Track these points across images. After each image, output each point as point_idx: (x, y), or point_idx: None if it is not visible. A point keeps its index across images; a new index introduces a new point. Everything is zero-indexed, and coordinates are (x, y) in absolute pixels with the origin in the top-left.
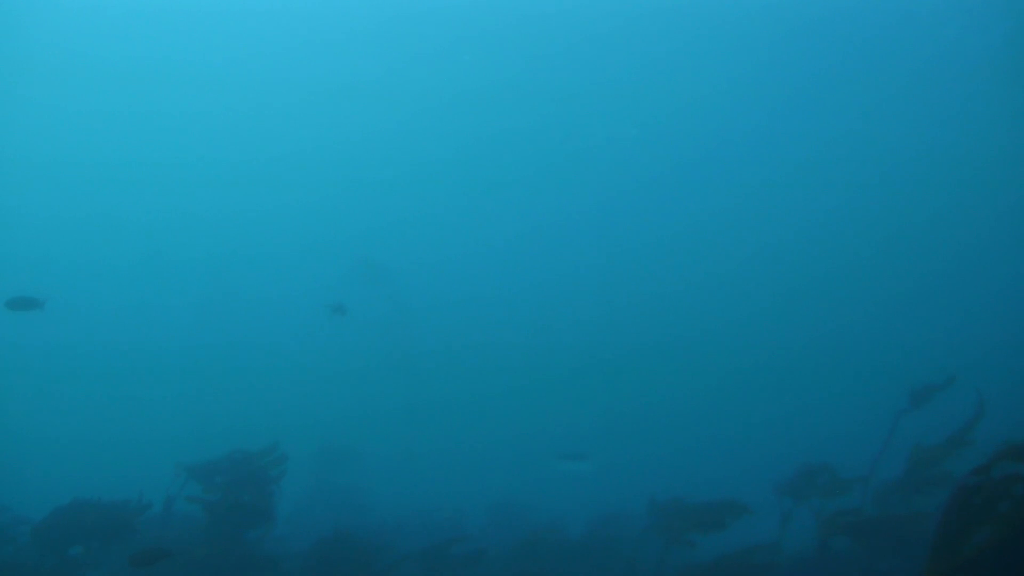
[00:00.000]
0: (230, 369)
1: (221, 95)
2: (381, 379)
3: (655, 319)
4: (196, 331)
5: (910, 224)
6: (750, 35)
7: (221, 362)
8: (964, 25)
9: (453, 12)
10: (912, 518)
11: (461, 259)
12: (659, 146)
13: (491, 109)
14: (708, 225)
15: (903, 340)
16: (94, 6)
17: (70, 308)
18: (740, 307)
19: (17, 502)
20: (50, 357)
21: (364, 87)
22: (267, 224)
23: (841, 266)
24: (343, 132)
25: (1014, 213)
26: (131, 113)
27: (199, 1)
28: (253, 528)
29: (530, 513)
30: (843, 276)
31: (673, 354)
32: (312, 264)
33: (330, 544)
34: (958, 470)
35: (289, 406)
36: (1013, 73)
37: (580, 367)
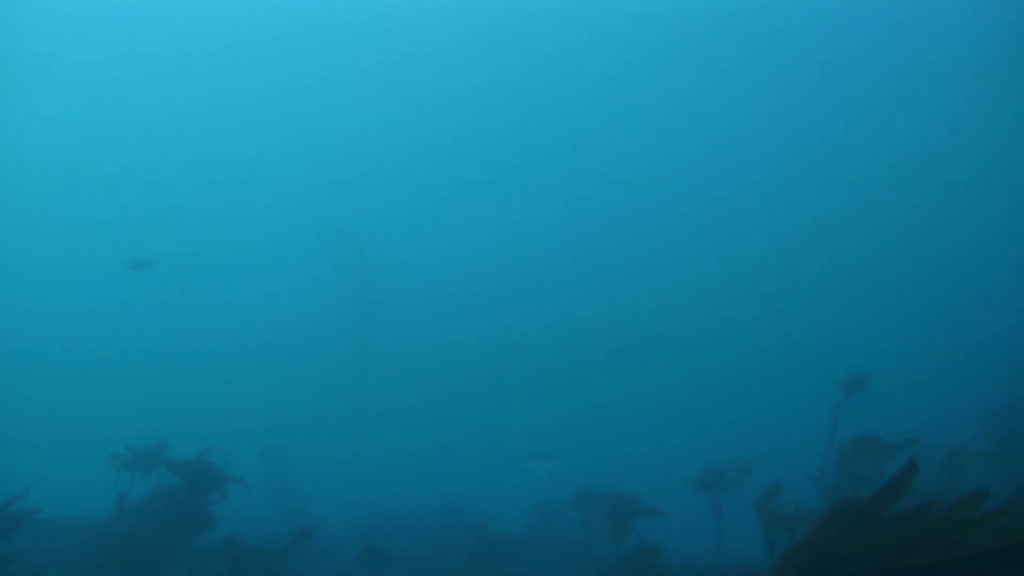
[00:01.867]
0: (191, 369)
1: (201, 94)
2: (336, 378)
3: (613, 320)
4: (156, 331)
5: (868, 227)
6: (746, 35)
7: (181, 362)
8: (959, 25)
9: (444, 11)
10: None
11: (434, 257)
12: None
13: (479, 108)
14: (667, 227)
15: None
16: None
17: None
18: (703, 307)
19: None
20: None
21: (356, 85)
22: (234, 224)
23: (804, 268)
24: (333, 130)
25: (977, 217)
26: (108, 113)
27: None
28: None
29: (468, 512)
30: (808, 278)
31: (634, 354)
32: (279, 264)
33: (231, 544)
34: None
35: (243, 405)
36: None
37: (541, 367)
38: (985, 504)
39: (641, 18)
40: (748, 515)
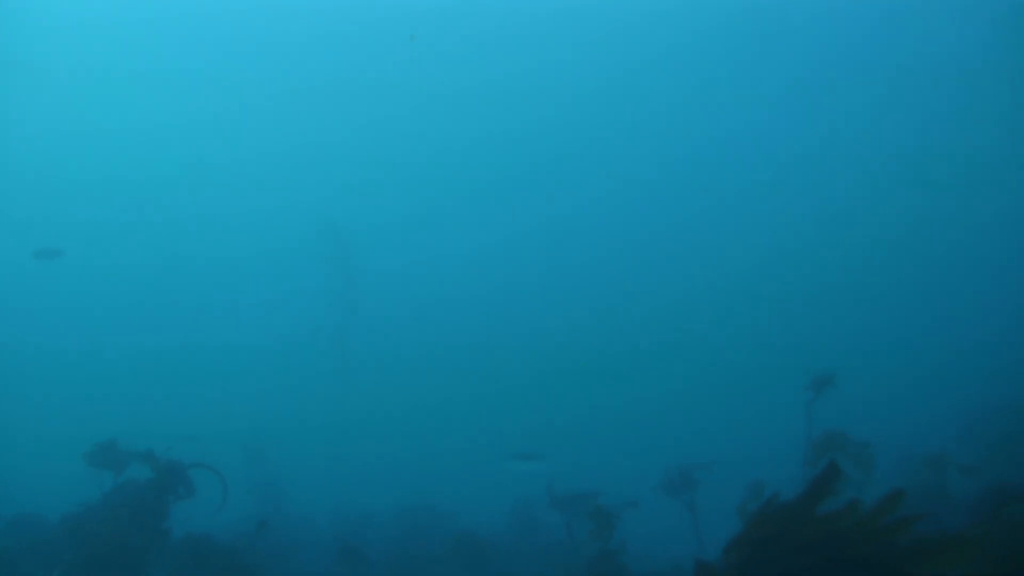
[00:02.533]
0: (176, 369)
1: (190, 95)
2: (320, 379)
3: (597, 322)
4: (141, 331)
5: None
6: (746, 35)
7: (166, 362)
8: (957, 26)
9: (432, 12)
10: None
11: (419, 258)
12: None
13: (470, 109)
14: (648, 231)
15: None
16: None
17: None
18: (691, 309)
19: None
20: None
21: (348, 85)
22: (222, 224)
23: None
24: (323, 129)
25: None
26: (93, 114)
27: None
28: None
29: (448, 513)
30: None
31: (617, 356)
32: (267, 264)
33: (196, 541)
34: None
35: (227, 405)
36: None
37: (524, 369)
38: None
39: (637, 19)
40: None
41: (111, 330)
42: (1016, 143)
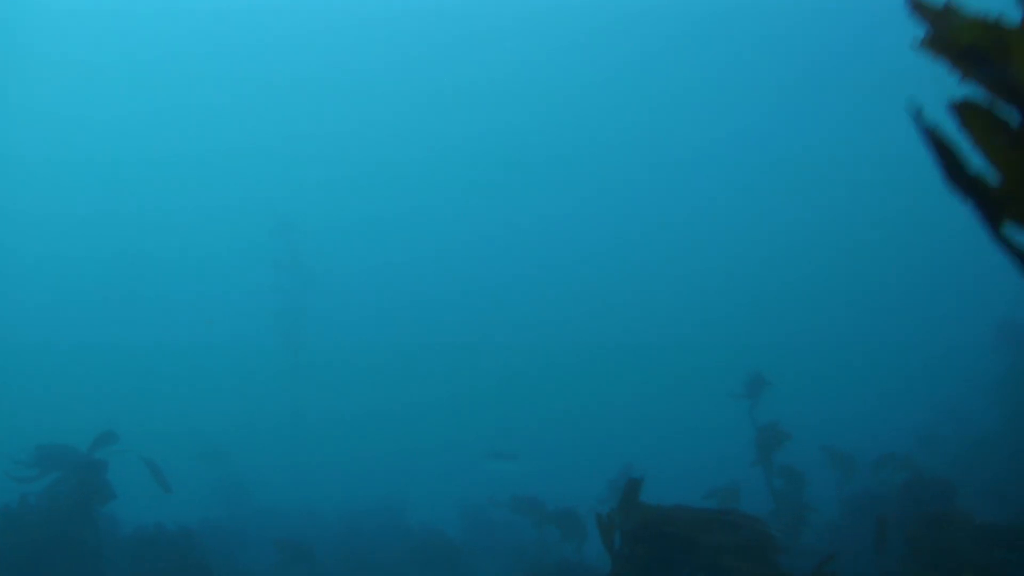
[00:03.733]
0: (133, 368)
1: (159, 92)
2: (280, 381)
3: (576, 323)
4: (94, 328)
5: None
6: (744, 35)
7: (123, 361)
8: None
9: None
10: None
11: (382, 259)
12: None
13: (436, 108)
14: (628, 231)
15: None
16: None
17: None
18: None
19: None
20: None
21: (313, 85)
22: (186, 225)
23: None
24: (289, 128)
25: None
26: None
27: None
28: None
29: (409, 514)
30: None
31: (592, 358)
32: (222, 266)
33: (146, 536)
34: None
35: (187, 407)
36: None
37: (479, 370)
38: None
39: (647, 18)
40: None
41: (62, 326)
42: None
